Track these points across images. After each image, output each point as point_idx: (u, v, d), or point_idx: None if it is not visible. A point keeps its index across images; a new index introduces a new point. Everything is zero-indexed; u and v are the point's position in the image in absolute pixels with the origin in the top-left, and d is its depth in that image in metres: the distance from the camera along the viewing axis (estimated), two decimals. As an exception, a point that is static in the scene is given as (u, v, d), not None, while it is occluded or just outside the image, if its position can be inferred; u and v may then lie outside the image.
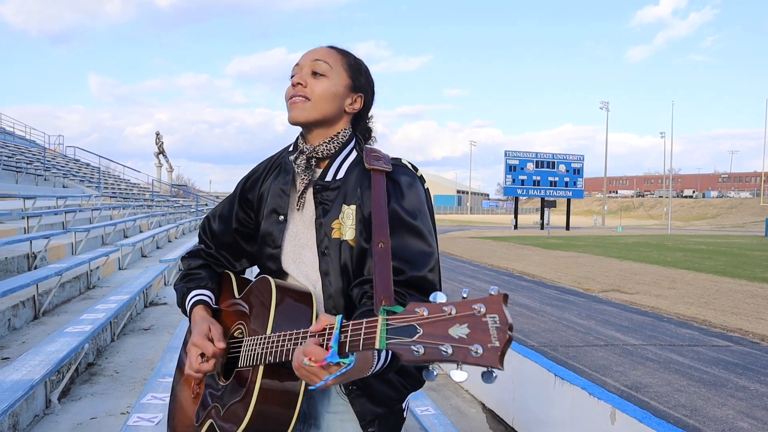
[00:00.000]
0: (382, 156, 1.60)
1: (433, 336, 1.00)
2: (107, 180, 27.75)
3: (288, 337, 1.33)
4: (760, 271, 16.76)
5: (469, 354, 0.96)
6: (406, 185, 1.53)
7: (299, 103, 1.54)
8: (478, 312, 0.97)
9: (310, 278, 1.56)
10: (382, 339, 1.06)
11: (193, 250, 1.78)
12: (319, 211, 1.55)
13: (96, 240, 10.95)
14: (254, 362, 1.41)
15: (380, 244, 1.41)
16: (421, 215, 1.51)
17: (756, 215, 70.84)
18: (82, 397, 4.29)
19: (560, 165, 50.24)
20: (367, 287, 1.45)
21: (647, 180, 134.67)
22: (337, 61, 1.58)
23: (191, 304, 1.65)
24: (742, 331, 8.73)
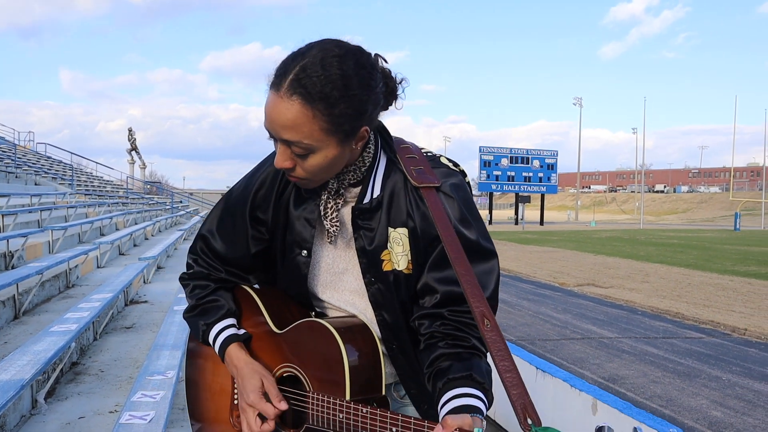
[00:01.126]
0: (419, 157, 1.40)
1: None
2: (80, 177, 27.32)
3: (393, 422, 1.20)
4: (730, 264, 17.19)
5: None
6: (461, 197, 1.36)
7: (299, 181, 1.33)
8: None
9: (357, 306, 1.44)
10: None
11: (196, 270, 1.53)
12: (359, 235, 1.37)
13: (72, 238, 10.82)
14: (336, 427, 1.30)
15: (486, 323, 1.20)
16: (478, 226, 1.37)
17: (725, 210, 72.34)
18: (69, 397, 4.29)
19: (534, 161, 50.77)
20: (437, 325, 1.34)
21: (620, 175, 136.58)
22: (316, 128, 1.21)
23: (221, 343, 1.46)
24: (713, 323, 8.98)
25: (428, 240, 1.35)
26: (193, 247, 1.56)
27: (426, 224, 1.34)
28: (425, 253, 1.36)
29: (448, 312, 1.33)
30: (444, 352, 1.30)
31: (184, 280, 1.56)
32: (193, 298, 1.52)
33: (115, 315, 6.81)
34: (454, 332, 1.32)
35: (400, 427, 1.19)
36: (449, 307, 1.34)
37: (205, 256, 1.52)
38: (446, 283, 1.34)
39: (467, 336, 1.31)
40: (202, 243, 1.53)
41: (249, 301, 1.53)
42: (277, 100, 1.20)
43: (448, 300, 1.34)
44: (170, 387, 3.49)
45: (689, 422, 4.85)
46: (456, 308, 1.33)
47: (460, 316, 1.33)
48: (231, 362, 1.44)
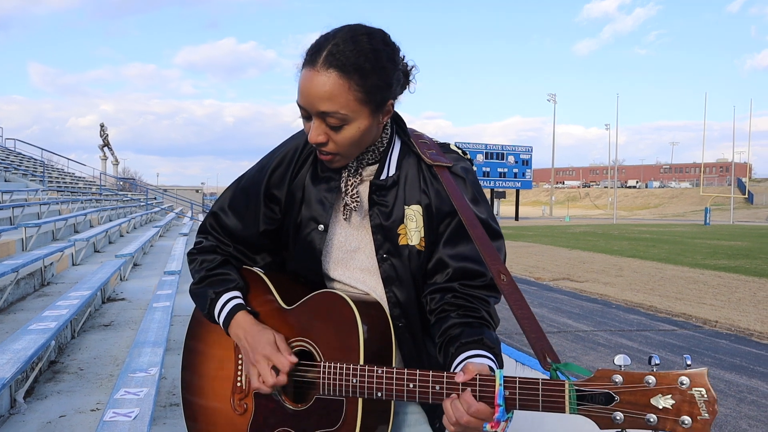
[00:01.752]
0: (430, 143, 1.48)
1: (634, 405, 1.05)
2: (51, 174, 26.85)
3: (410, 377, 1.24)
4: (701, 258, 17.55)
5: (677, 424, 1.02)
6: (470, 179, 1.45)
7: (331, 158, 1.37)
8: (682, 384, 1.02)
9: (367, 284, 1.46)
10: (572, 405, 1.08)
11: (205, 245, 1.56)
12: (375, 212, 1.42)
13: (46, 236, 10.66)
14: (349, 393, 1.31)
15: (502, 278, 1.30)
16: (487, 208, 1.45)
17: (696, 204, 73.75)
18: (48, 396, 4.24)
19: (509, 156, 51.14)
20: (449, 297, 1.38)
21: (593, 171, 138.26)
22: (351, 99, 1.28)
23: (230, 309, 1.46)
24: (685, 316, 9.18)
25: (441, 216, 1.41)
26: (203, 225, 1.59)
27: (439, 201, 1.41)
28: (437, 230, 1.42)
29: (459, 285, 1.39)
30: (455, 321, 1.34)
31: (192, 255, 1.57)
32: (202, 270, 1.53)
33: (93, 313, 6.73)
34: (465, 303, 1.37)
35: (417, 381, 1.23)
36: (461, 281, 1.39)
37: (215, 233, 1.55)
38: (458, 259, 1.40)
39: (478, 308, 1.37)
40: (213, 219, 1.56)
41: (257, 280, 1.54)
42: (313, 74, 1.27)
43: (460, 275, 1.39)
44: (153, 384, 3.48)
45: None
46: (468, 282, 1.40)
47: (471, 290, 1.39)
48: (238, 325, 1.44)
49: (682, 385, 1.02)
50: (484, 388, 1.16)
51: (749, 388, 5.74)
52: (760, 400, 5.38)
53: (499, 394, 1.13)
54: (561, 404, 1.09)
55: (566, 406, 1.09)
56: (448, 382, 1.20)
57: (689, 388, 1.02)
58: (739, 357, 6.93)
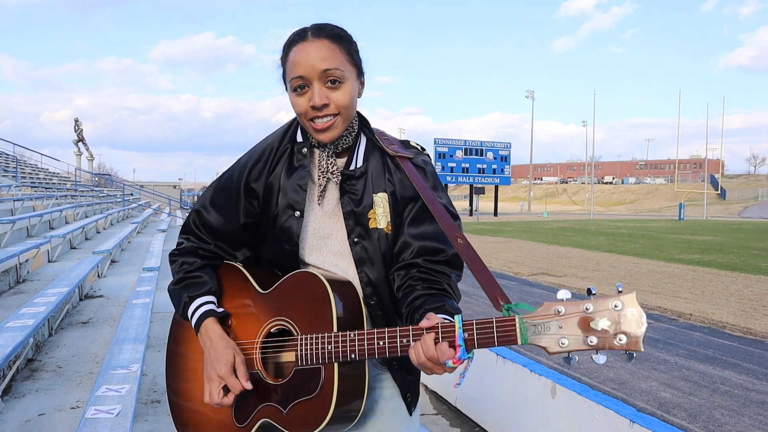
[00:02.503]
0: (393, 139, 1.64)
1: (577, 329, 1.18)
2: (24, 169, 26.39)
3: (379, 335, 1.35)
4: (676, 252, 17.84)
5: (614, 342, 1.15)
6: (429, 170, 1.61)
7: (331, 123, 1.48)
8: (615, 308, 1.15)
9: (339, 267, 1.57)
10: (523, 336, 1.21)
11: (186, 246, 1.64)
12: (346, 200, 1.55)
13: (21, 232, 10.49)
14: (325, 360, 1.40)
15: (458, 240, 1.44)
16: (445, 195, 1.60)
17: (670, 200, 74.84)
18: (26, 394, 4.19)
19: (488, 152, 51.44)
20: (413, 271, 1.50)
21: (570, 167, 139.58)
22: (344, 59, 1.48)
23: (199, 316, 1.55)
24: (661, 309, 9.34)
25: (405, 201, 1.57)
26: (186, 224, 1.68)
27: (402, 188, 1.57)
28: (402, 215, 1.57)
29: (422, 260, 1.52)
30: (419, 293, 1.47)
31: (173, 256, 1.66)
32: (181, 272, 1.62)
33: (71, 310, 6.66)
34: (428, 277, 1.50)
35: (386, 338, 1.35)
36: (424, 257, 1.53)
37: (197, 230, 1.64)
38: (421, 238, 1.54)
39: (439, 280, 1.50)
40: (195, 216, 1.66)
41: (235, 272, 1.64)
42: (307, 44, 1.47)
43: (423, 251, 1.53)
44: (135, 381, 3.46)
45: (641, 404, 5.07)
46: (430, 258, 1.53)
47: (434, 265, 1.52)
48: (206, 334, 1.55)
49: (616, 308, 1.16)
50: (446, 333, 1.28)
51: (722, 378, 5.87)
52: (733, 390, 5.50)
53: (459, 336, 1.25)
54: (513, 337, 1.22)
55: (518, 338, 1.21)
56: (414, 333, 1.32)
57: (621, 309, 1.15)
58: (713, 349, 7.08)
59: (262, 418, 1.50)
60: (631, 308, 1.15)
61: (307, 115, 1.49)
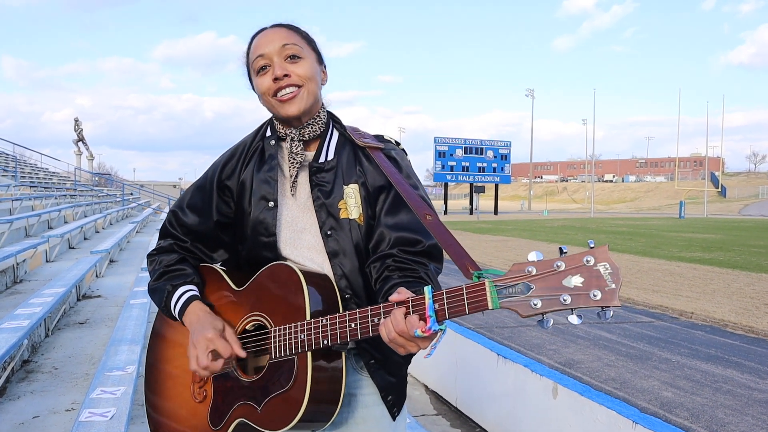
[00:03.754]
0: (365, 134, 1.63)
1: (549, 289, 1.12)
2: (23, 169, 26.35)
3: (351, 317, 1.32)
4: (677, 250, 17.79)
5: (589, 299, 1.10)
6: (401, 159, 1.60)
7: (294, 94, 1.51)
8: (587, 263, 1.10)
9: (315, 261, 1.54)
10: (494, 299, 1.16)
11: (164, 245, 1.66)
12: (317, 193, 1.54)
13: (19, 232, 10.45)
14: (298, 349, 1.37)
15: (428, 217, 1.42)
16: (422, 187, 1.58)
17: (671, 198, 74.79)
18: (21, 396, 4.15)
19: (488, 151, 51.39)
20: (389, 261, 1.47)
21: (570, 165, 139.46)
22: (299, 39, 1.56)
23: (185, 301, 1.54)
24: (662, 308, 9.29)
25: (377, 191, 1.55)
26: (163, 226, 1.68)
27: (373, 178, 1.55)
28: (375, 204, 1.55)
29: (398, 251, 1.49)
30: (395, 282, 1.42)
31: (151, 256, 1.66)
32: (161, 268, 1.62)
33: (68, 311, 6.61)
34: (404, 266, 1.47)
35: (358, 320, 1.32)
36: (399, 247, 1.50)
37: (174, 230, 1.65)
38: (397, 228, 1.52)
39: (416, 269, 1.46)
40: (172, 217, 1.66)
41: (211, 272, 1.63)
42: (267, 31, 1.56)
43: (399, 242, 1.50)
44: (131, 382, 3.42)
45: (642, 403, 5.02)
46: (406, 248, 1.49)
47: (410, 255, 1.49)
48: (192, 312, 1.52)
49: (588, 263, 1.10)
50: (416, 306, 1.24)
51: (725, 377, 5.82)
52: (736, 389, 5.45)
53: (429, 306, 1.21)
54: (484, 302, 1.17)
55: (489, 302, 1.16)
56: (385, 310, 1.29)
57: (594, 264, 1.10)
58: (715, 347, 7.03)
59: (238, 418, 1.46)
60: (604, 262, 1.10)
61: (270, 90, 1.52)
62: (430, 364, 5.24)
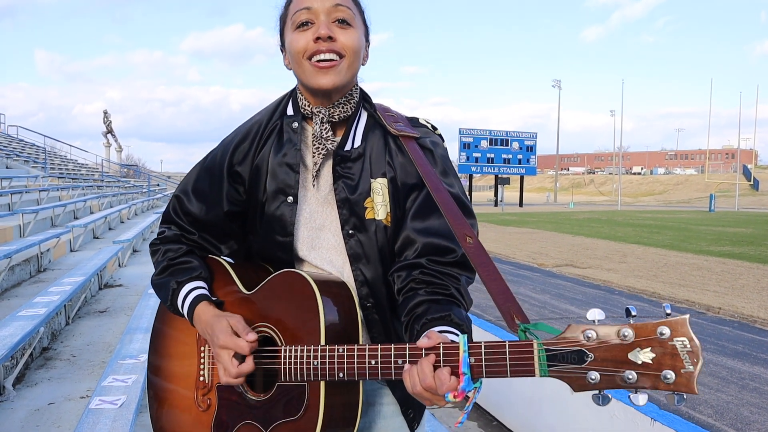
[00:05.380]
0: (398, 116, 1.44)
1: (610, 362, 0.95)
2: (53, 160, 26.78)
3: (371, 353, 1.16)
4: (705, 244, 17.42)
5: (659, 380, 0.93)
6: (439, 153, 1.40)
7: (334, 64, 1.30)
8: (661, 335, 0.93)
9: (334, 264, 1.38)
10: (542, 366, 0.99)
11: (168, 234, 1.47)
12: (341, 186, 1.36)
13: (45, 222, 10.60)
14: (310, 377, 1.22)
15: (468, 240, 1.23)
16: (458, 183, 1.39)
17: (701, 191, 73.34)
18: (38, 383, 4.19)
19: (514, 142, 50.88)
20: (416, 273, 1.30)
21: (598, 157, 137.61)
22: (353, 4, 1.36)
23: (192, 300, 1.37)
24: (689, 302, 9.08)
25: (407, 189, 1.36)
26: (166, 212, 1.50)
27: (405, 174, 1.36)
28: (404, 205, 1.37)
29: (427, 261, 1.31)
30: (422, 299, 1.26)
31: (154, 245, 1.49)
32: (164, 260, 1.44)
33: (89, 299, 6.68)
34: (433, 280, 1.30)
35: (379, 357, 1.15)
36: (429, 257, 1.32)
37: (179, 219, 1.46)
38: (426, 234, 1.33)
39: (447, 284, 1.29)
40: (176, 203, 1.48)
41: (218, 268, 1.46)
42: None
43: (429, 250, 1.32)
44: (142, 371, 3.42)
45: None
46: (436, 258, 1.32)
47: (440, 266, 1.32)
48: (200, 318, 1.35)
49: (662, 336, 0.93)
50: (448, 356, 1.06)
51: (752, 375, 5.66)
52: (763, 387, 5.30)
53: (464, 361, 1.03)
54: (531, 367, 1.00)
55: (536, 369, 0.99)
56: (411, 354, 1.12)
57: (670, 338, 0.93)
58: (742, 344, 6.85)
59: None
60: (682, 337, 0.92)
61: (307, 51, 1.31)
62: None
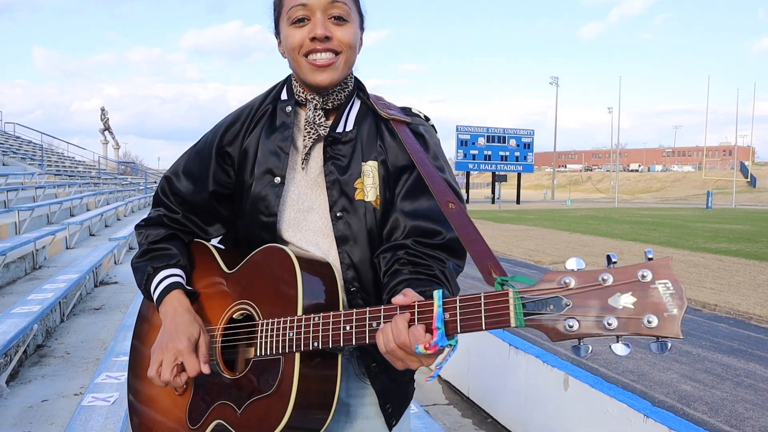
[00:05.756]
0: (391, 105, 1.46)
1: (590, 308, 0.90)
2: (50, 157, 26.73)
3: (347, 318, 1.14)
4: (702, 241, 17.44)
5: (641, 325, 0.87)
6: (430, 138, 1.43)
7: (330, 62, 1.32)
8: (643, 278, 0.88)
9: (320, 246, 1.38)
10: (518, 315, 0.94)
11: (153, 216, 1.49)
12: (330, 167, 1.36)
13: (41, 219, 10.58)
14: (285, 349, 1.21)
15: (450, 205, 1.24)
16: (449, 170, 1.40)
17: (698, 188, 73.43)
18: (32, 380, 4.18)
19: (511, 140, 50.86)
20: (401, 253, 1.29)
21: (595, 154, 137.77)
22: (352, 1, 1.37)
23: (164, 288, 1.37)
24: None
25: (398, 171, 1.38)
26: (156, 194, 1.53)
27: (395, 156, 1.39)
28: (394, 187, 1.38)
29: (413, 242, 1.31)
30: (404, 278, 1.24)
31: (139, 228, 1.51)
32: (145, 244, 1.46)
33: (84, 296, 6.67)
34: (417, 260, 1.29)
35: (354, 322, 1.13)
36: (414, 238, 1.32)
37: (167, 199, 1.48)
38: (414, 216, 1.34)
39: (431, 265, 1.28)
40: (165, 183, 1.50)
41: (202, 250, 1.48)
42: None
43: (415, 232, 1.33)
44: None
45: (660, 396, 4.90)
46: (422, 239, 1.32)
47: (426, 248, 1.31)
48: (170, 304, 1.35)
49: (644, 280, 0.88)
50: (423, 313, 1.04)
51: (747, 371, 5.67)
52: (758, 383, 5.31)
53: (438, 316, 1.01)
54: (505, 317, 0.95)
55: (512, 319, 0.95)
56: (386, 314, 1.10)
57: (652, 281, 0.88)
58: (738, 340, 6.86)
59: (216, 420, 1.31)
60: (665, 280, 0.87)
61: (303, 48, 1.32)
62: (443, 353, 5.18)
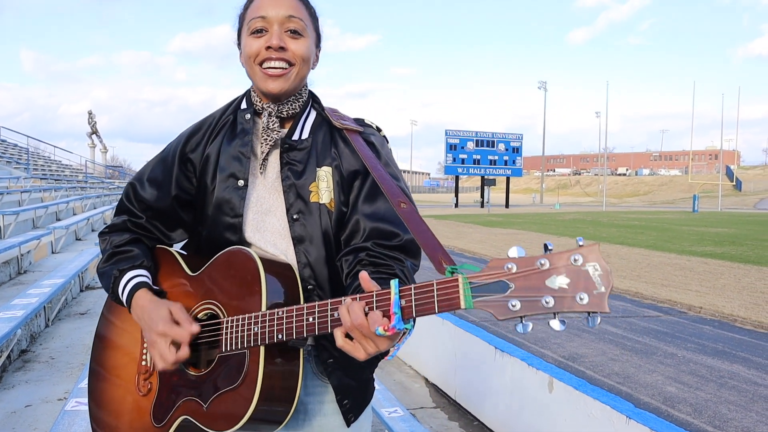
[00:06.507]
0: (344, 116, 1.54)
1: (529, 289, 1.01)
2: (36, 161, 26.55)
3: (309, 311, 1.21)
4: (688, 244, 17.58)
5: (574, 302, 0.99)
6: (380, 146, 1.50)
7: (283, 73, 1.41)
8: (575, 262, 1.00)
9: (278, 247, 1.44)
10: (467, 298, 1.05)
11: (116, 222, 1.53)
12: (287, 172, 1.43)
13: (26, 223, 10.50)
14: (250, 343, 1.26)
15: (402, 205, 1.33)
16: (401, 177, 1.48)
17: (685, 192, 74.08)
18: (16, 385, 4.15)
19: (500, 144, 51.09)
20: (362, 255, 1.36)
21: (583, 158, 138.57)
22: (306, 15, 1.45)
23: (131, 288, 1.41)
24: (671, 302, 9.17)
25: (351, 176, 1.45)
26: (120, 200, 1.56)
27: (348, 162, 1.46)
28: (348, 191, 1.45)
29: (372, 244, 1.38)
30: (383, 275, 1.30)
31: (103, 234, 1.54)
32: (111, 248, 1.49)
33: (69, 301, 6.63)
34: (378, 260, 1.35)
35: (317, 313, 1.20)
36: (374, 240, 1.39)
37: (131, 205, 1.53)
38: (373, 219, 1.41)
39: (391, 265, 1.35)
40: (130, 190, 1.54)
41: (165, 254, 1.52)
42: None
43: (375, 235, 1.40)
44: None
45: (645, 398, 4.94)
46: (381, 241, 1.38)
47: (385, 249, 1.37)
48: (137, 304, 1.39)
49: (576, 263, 1.00)
50: (380, 301, 1.13)
51: (730, 373, 5.72)
52: (741, 385, 5.36)
53: (395, 302, 1.10)
54: (456, 300, 1.06)
55: (461, 301, 1.05)
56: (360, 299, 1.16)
57: (582, 264, 1.00)
58: (722, 342, 6.92)
59: (182, 416, 1.34)
60: (594, 262, 1.00)
61: (258, 57, 1.41)
62: (430, 357, 5.19)
